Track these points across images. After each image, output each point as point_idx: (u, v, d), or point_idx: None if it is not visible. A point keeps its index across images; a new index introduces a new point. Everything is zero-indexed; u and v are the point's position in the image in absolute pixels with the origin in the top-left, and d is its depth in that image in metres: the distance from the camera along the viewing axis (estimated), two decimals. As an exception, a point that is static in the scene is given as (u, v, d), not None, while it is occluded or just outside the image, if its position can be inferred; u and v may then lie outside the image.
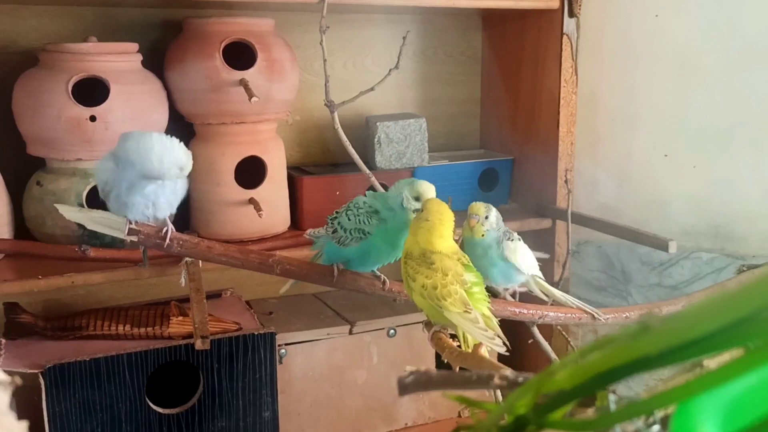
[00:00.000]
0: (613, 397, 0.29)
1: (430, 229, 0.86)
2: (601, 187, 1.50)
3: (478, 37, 1.56)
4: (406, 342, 1.31)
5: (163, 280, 1.28)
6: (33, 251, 1.10)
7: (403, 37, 1.15)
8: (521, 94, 1.46)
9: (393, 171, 1.35)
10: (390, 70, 1.12)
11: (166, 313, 1.14)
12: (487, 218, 0.98)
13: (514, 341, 0.87)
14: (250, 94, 1.13)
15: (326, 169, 1.38)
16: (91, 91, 1.12)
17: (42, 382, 1.02)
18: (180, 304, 1.14)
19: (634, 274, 1.49)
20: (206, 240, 1.00)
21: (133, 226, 0.93)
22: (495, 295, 1.05)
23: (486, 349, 0.83)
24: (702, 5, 1.39)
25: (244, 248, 1.02)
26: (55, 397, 1.03)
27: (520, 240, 1.03)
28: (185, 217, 1.24)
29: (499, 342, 0.83)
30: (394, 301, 1.08)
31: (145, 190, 0.92)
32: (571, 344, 1.30)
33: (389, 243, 0.95)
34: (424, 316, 0.91)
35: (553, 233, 1.39)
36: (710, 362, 0.29)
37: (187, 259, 1.05)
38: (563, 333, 1.30)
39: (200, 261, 1.06)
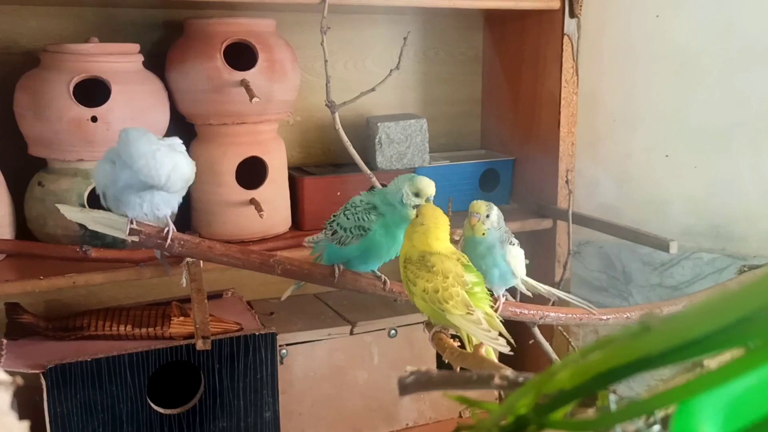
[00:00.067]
0: (613, 397, 0.29)
1: (425, 232, 0.86)
2: (601, 188, 1.50)
3: (479, 38, 1.56)
4: (407, 342, 1.32)
5: (164, 281, 1.28)
6: (34, 251, 1.10)
7: (404, 38, 1.15)
8: (522, 94, 1.46)
9: (394, 171, 1.35)
10: (391, 70, 1.12)
11: (168, 314, 1.14)
12: (488, 217, 0.98)
13: (515, 342, 0.87)
14: (251, 95, 1.13)
15: (327, 170, 1.39)
16: (93, 92, 1.12)
17: (43, 383, 1.02)
18: (181, 305, 1.15)
19: (635, 275, 1.49)
20: (207, 240, 1.00)
21: (134, 227, 0.93)
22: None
23: (486, 349, 0.83)
24: (702, 5, 1.39)
25: (245, 248, 1.03)
26: (56, 397, 1.03)
27: (517, 244, 1.03)
28: (186, 217, 1.25)
29: (503, 342, 0.83)
30: (395, 302, 1.08)
31: (143, 192, 0.92)
32: (572, 344, 1.31)
33: (390, 237, 0.95)
34: (424, 316, 0.91)
35: (554, 234, 1.39)
36: (711, 362, 0.29)
37: (189, 259, 1.05)
38: (564, 333, 1.30)
39: (201, 261, 1.06)
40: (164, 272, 1.09)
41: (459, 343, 0.87)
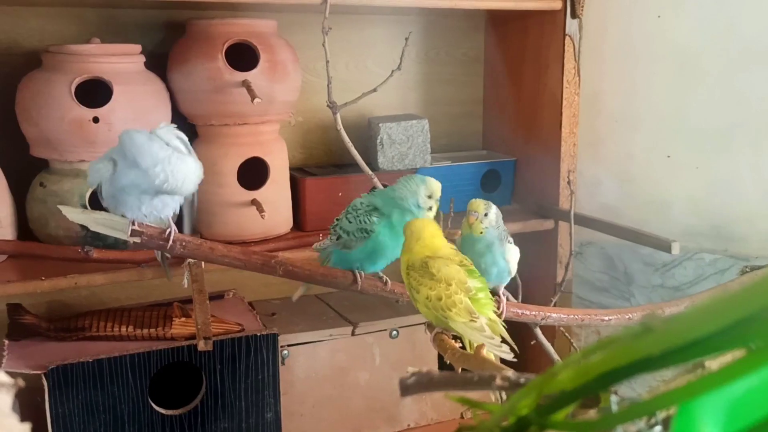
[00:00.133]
0: (615, 398, 0.29)
1: (419, 238, 0.86)
2: (602, 188, 1.50)
3: (481, 38, 1.56)
4: (409, 343, 1.31)
5: (166, 282, 1.28)
6: (36, 252, 1.10)
7: (406, 38, 1.15)
8: (524, 95, 1.46)
9: (395, 172, 1.35)
10: (392, 71, 1.12)
11: (169, 315, 1.14)
12: (486, 215, 0.98)
13: (516, 343, 0.87)
14: (253, 95, 1.13)
15: (329, 170, 1.39)
16: (94, 93, 1.12)
17: (45, 383, 1.02)
18: (183, 306, 1.15)
19: (637, 275, 1.48)
20: (209, 241, 1.00)
21: (136, 228, 0.93)
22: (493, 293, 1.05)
23: (487, 349, 0.83)
24: (702, 6, 1.39)
25: (247, 249, 1.03)
26: (58, 398, 1.03)
27: (513, 242, 1.03)
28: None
29: (506, 349, 0.83)
30: (397, 302, 1.08)
31: (146, 194, 0.92)
32: (574, 345, 1.30)
33: (395, 237, 0.95)
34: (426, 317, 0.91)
35: (556, 234, 1.39)
36: (712, 363, 0.29)
37: (190, 260, 1.05)
38: (566, 334, 1.30)
39: (203, 262, 1.06)
40: (165, 276, 1.09)
41: (460, 344, 0.86)
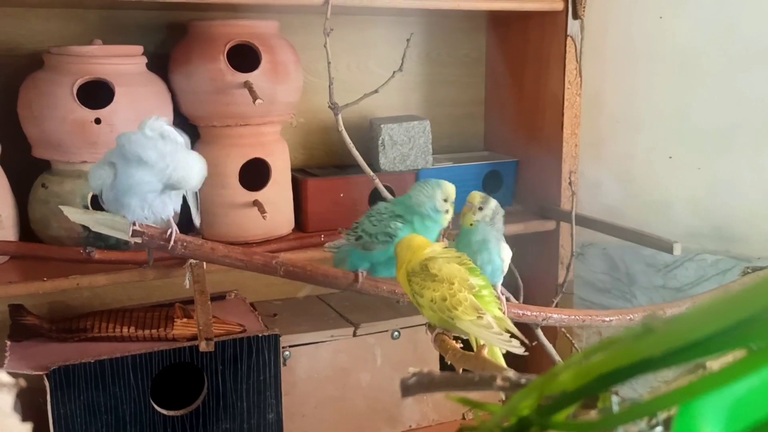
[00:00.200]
0: (616, 399, 0.29)
1: (409, 246, 0.87)
2: (604, 189, 1.50)
3: (482, 39, 1.56)
4: (410, 344, 1.31)
5: (168, 282, 1.29)
6: (38, 253, 1.10)
7: (407, 39, 1.15)
8: (525, 95, 1.46)
9: (397, 173, 1.36)
10: (394, 72, 1.13)
11: (171, 315, 1.14)
12: (481, 209, 0.98)
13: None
14: (255, 96, 1.13)
15: (330, 171, 1.39)
16: (96, 94, 1.13)
17: (47, 384, 1.02)
18: (184, 306, 1.15)
19: (639, 276, 1.48)
20: (210, 242, 1.00)
21: (137, 228, 0.93)
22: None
23: (488, 350, 0.83)
24: (703, 6, 1.39)
25: (248, 250, 1.03)
26: (59, 398, 1.03)
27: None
28: (189, 218, 1.24)
29: (517, 343, 0.82)
30: (398, 303, 1.08)
31: (149, 193, 0.92)
32: (575, 346, 1.30)
33: None
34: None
35: (557, 235, 1.39)
36: (713, 364, 0.29)
37: (192, 261, 1.05)
38: (567, 335, 1.30)
39: (204, 263, 1.06)
40: (146, 267, 1.09)
41: (461, 345, 0.86)
